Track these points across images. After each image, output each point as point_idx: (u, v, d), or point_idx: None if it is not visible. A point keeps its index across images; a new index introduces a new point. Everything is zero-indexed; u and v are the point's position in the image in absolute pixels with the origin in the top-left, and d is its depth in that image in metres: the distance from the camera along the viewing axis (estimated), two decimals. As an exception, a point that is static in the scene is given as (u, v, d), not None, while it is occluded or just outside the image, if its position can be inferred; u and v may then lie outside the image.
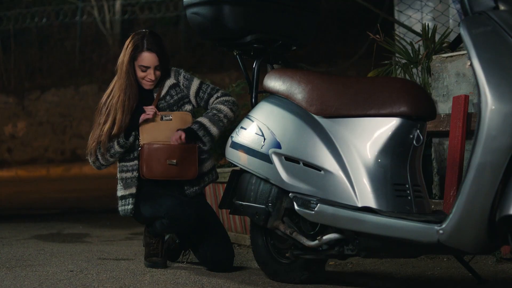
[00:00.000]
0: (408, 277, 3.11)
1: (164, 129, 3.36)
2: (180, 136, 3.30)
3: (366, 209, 2.54)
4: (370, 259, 3.50)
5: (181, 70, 3.48)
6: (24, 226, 5.50)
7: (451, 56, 3.68)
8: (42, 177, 12.64)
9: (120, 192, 3.41)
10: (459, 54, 3.62)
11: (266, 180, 2.90)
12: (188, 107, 3.44)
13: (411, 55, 4.15)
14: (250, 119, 3.01)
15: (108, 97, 3.39)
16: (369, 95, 2.67)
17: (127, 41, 3.39)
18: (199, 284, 2.93)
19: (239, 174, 3.06)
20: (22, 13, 14.34)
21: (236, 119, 4.09)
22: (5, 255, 3.81)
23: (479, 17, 2.25)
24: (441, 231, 2.28)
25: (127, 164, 3.39)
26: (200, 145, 3.35)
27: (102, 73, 13.54)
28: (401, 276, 3.13)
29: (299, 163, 2.77)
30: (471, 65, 2.22)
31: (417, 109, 2.61)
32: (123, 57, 3.36)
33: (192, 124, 3.33)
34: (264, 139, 2.90)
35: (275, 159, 2.84)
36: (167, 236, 3.53)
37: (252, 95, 3.14)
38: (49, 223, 5.73)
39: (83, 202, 8.09)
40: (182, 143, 3.30)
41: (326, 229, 2.69)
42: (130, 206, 3.36)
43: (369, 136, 2.64)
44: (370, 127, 2.65)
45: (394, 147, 2.62)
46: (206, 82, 3.50)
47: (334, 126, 2.73)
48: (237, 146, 3.01)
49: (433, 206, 3.25)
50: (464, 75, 3.62)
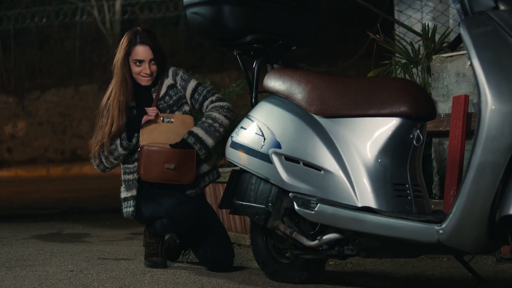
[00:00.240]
0: (408, 277, 3.11)
1: (165, 131, 3.35)
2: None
3: (366, 209, 2.54)
4: (370, 259, 3.50)
5: (180, 71, 3.47)
6: (24, 226, 5.49)
7: (451, 56, 3.67)
8: (42, 177, 12.63)
9: (123, 194, 3.41)
10: (459, 54, 3.62)
11: (266, 180, 2.90)
12: (187, 108, 3.43)
13: (411, 55, 4.15)
14: (250, 119, 3.01)
15: (108, 99, 3.39)
16: (369, 95, 2.67)
17: (122, 40, 3.42)
18: (199, 284, 2.93)
19: (239, 174, 3.06)
20: (22, 13, 14.34)
21: (235, 121, 4.09)
22: (5, 255, 3.81)
23: (479, 17, 2.25)
24: (441, 231, 2.28)
25: (129, 166, 3.39)
26: None
27: (102, 73, 13.51)
28: (401, 276, 3.13)
29: (299, 163, 2.77)
30: (471, 65, 2.22)
31: (417, 109, 2.61)
32: (118, 55, 3.39)
33: (188, 137, 3.31)
34: (264, 139, 2.90)
35: (275, 159, 2.84)
36: (167, 236, 3.53)
37: (252, 95, 3.14)
38: (49, 223, 5.72)
39: (83, 202, 8.08)
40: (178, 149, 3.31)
41: (326, 229, 2.69)
42: (132, 209, 3.36)
43: (369, 136, 2.64)
44: (370, 127, 2.65)
45: (394, 147, 2.62)
46: (204, 84, 3.48)
47: (334, 126, 2.73)
48: (237, 146, 3.01)
49: (433, 206, 3.25)
50: (464, 75, 3.61)
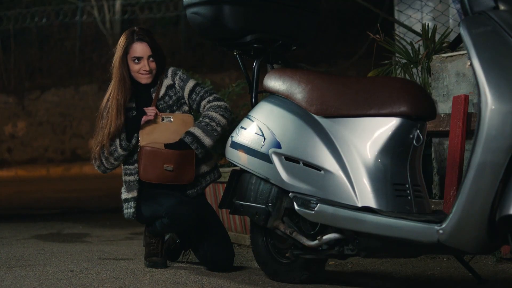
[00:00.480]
0: (408, 277, 3.11)
1: (164, 131, 3.35)
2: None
3: (366, 209, 2.54)
4: (370, 259, 3.50)
5: (179, 71, 3.47)
6: (24, 226, 5.49)
7: (451, 56, 3.67)
8: (42, 177, 12.63)
9: (124, 195, 3.41)
10: (459, 54, 3.62)
11: (266, 180, 2.90)
12: (187, 108, 3.43)
13: (411, 55, 4.15)
14: (250, 119, 3.01)
15: (108, 101, 3.39)
16: (369, 95, 2.67)
17: (119, 40, 3.42)
18: (199, 284, 2.93)
19: (239, 174, 3.06)
20: (22, 13, 14.34)
21: (235, 121, 4.08)
22: (5, 255, 3.81)
23: (479, 17, 2.25)
24: (441, 231, 2.28)
25: (130, 168, 3.39)
26: None
27: (102, 73, 13.50)
28: (401, 276, 3.13)
29: (299, 163, 2.77)
30: (471, 65, 2.22)
31: (417, 109, 2.61)
32: (116, 54, 3.39)
33: (185, 137, 3.31)
34: (264, 139, 2.90)
35: (275, 159, 2.84)
36: (167, 236, 3.53)
37: (252, 95, 3.14)
38: (49, 223, 5.72)
39: (83, 202, 8.08)
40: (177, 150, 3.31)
41: (326, 229, 2.69)
42: (132, 210, 3.36)
43: (369, 136, 2.64)
44: (370, 127, 2.64)
45: (394, 147, 2.62)
46: (202, 85, 3.48)
47: (334, 126, 2.73)
48: (237, 146, 3.01)
49: (433, 206, 3.25)
50: (464, 75, 3.61)
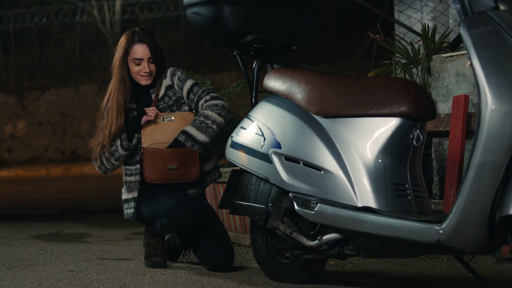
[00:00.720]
0: (408, 277, 3.10)
1: (166, 130, 3.35)
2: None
3: (366, 209, 2.54)
4: (370, 259, 3.50)
5: (178, 71, 3.46)
6: (24, 226, 5.49)
7: (451, 56, 3.67)
8: (42, 177, 12.63)
9: (124, 196, 3.41)
10: (459, 54, 3.62)
11: (266, 180, 2.90)
12: (187, 108, 3.43)
13: (411, 55, 4.15)
14: (250, 119, 3.01)
15: (108, 101, 3.39)
16: (369, 95, 2.67)
17: (120, 40, 3.41)
18: (199, 284, 2.93)
19: (239, 174, 3.06)
20: (22, 13, 14.33)
21: (235, 121, 4.08)
22: (5, 255, 3.81)
23: (479, 17, 2.25)
24: (441, 231, 2.28)
25: (131, 168, 3.39)
26: None
27: (102, 73, 13.50)
28: (401, 276, 3.13)
29: (299, 163, 2.77)
30: (471, 65, 2.22)
31: (417, 109, 2.61)
32: (117, 55, 3.39)
33: (179, 136, 3.31)
34: (264, 139, 2.90)
35: (275, 159, 2.84)
36: (167, 236, 3.53)
37: (252, 95, 3.14)
38: (49, 223, 5.72)
39: (83, 202, 8.08)
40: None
41: (326, 229, 2.69)
42: (132, 210, 3.36)
43: (369, 136, 2.64)
44: (370, 127, 2.64)
45: (394, 147, 2.62)
46: (200, 84, 3.47)
47: (334, 126, 2.73)
48: (237, 146, 3.01)
49: (433, 206, 3.25)
50: (464, 75, 3.61)
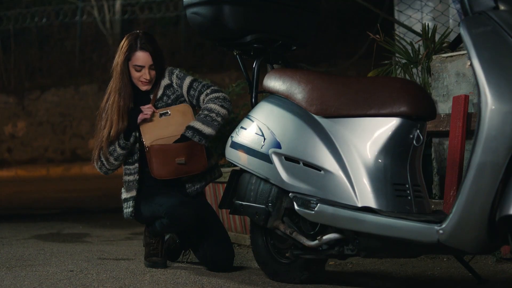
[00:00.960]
0: (408, 277, 3.11)
1: (166, 125, 3.35)
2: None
3: (366, 209, 2.54)
4: (370, 259, 3.50)
5: (175, 70, 3.46)
6: (24, 226, 5.49)
7: (451, 56, 3.67)
8: (42, 177, 12.63)
9: (123, 195, 3.42)
10: (459, 54, 3.62)
11: (266, 180, 2.90)
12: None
13: (411, 55, 4.15)
14: (250, 119, 3.01)
15: (107, 102, 3.39)
16: (369, 95, 2.67)
17: (121, 43, 3.40)
18: (199, 284, 2.93)
19: (239, 174, 3.06)
20: (22, 13, 14.34)
21: (235, 121, 4.06)
22: (5, 255, 3.81)
23: (479, 17, 2.25)
24: (441, 231, 2.29)
25: (130, 168, 3.39)
26: None
27: (102, 73, 13.51)
28: (401, 276, 3.13)
29: (299, 163, 2.77)
30: (471, 65, 2.22)
31: (417, 109, 2.61)
32: (118, 58, 3.37)
33: (186, 132, 3.30)
34: (264, 139, 2.90)
35: (275, 159, 2.84)
36: (167, 236, 3.53)
37: (252, 95, 3.14)
38: (49, 223, 5.72)
39: (83, 202, 8.08)
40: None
41: (326, 229, 2.69)
42: (131, 209, 3.37)
43: (369, 136, 2.64)
44: (370, 127, 2.64)
45: (394, 147, 2.62)
46: (199, 80, 3.46)
47: (334, 126, 2.73)
48: (237, 146, 3.01)
49: (433, 206, 3.25)
50: (464, 75, 3.61)
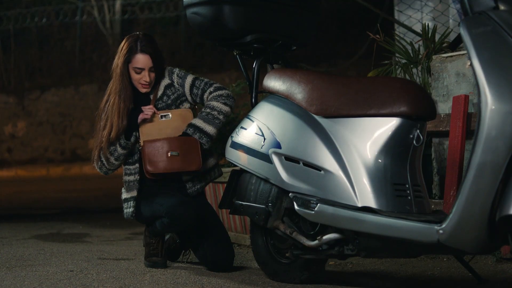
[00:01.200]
0: (408, 277, 3.11)
1: (164, 128, 3.35)
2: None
3: (366, 209, 2.54)
4: (370, 259, 3.50)
5: (175, 69, 3.46)
6: (24, 226, 5.49)
7: (451, 56, 3.67)
8: (42, 177, 12.63)
9: (124, 195, 3.42)
10: (459, 54, 3.62)
11: (266, 180, 2.90)
12: (187, 105, 3.42)
13: (411, 55, 4.15)
14: (250, 119, 3.01)
15: (106, 103, 3.39)
16: (369, 95, 2.67)
17: (121, 44, 3.39)
18: (199, 284, 2.93)
19: (239, 174, 3.06)
20: (22, 13, 14.34)
21: (235, 121, 4.06)
22: (5, 255, 3.81)
23: (479, 17, 2.25)
24: (441, 231, 2.29)
25: (130, 168, 3.39)
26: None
27: (102, 73, 13.52)
28: (401, 276, 3.13)
29: (299, 163, 2.77)
30: (471, 65, 2.22)
31: (417, 109, 2.61)
32: (118, 60, 3.36)
33: (187, 129, 3.30)
34: (264, 139, 2.90)
35: (275, 159, 2.84)
36: (167, 236, 3.53)
37: (252, 95, 3.14)
38: (49, 223, 5.72)
39: (83, 202, 8.08)
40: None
41: (326, 229, 2.69)
42: (131, 209, 3.36)
43: (369, 136, 2.64)
44: (370, 127, 2.65)
45: (394, 147, 2.62)
46: (200, 78, 3.45)
47: (334, 126, 2.73)
48: (237, 146, 3.01)
49: (433, 206, 3.25)
50: (464, 75, 3.61)
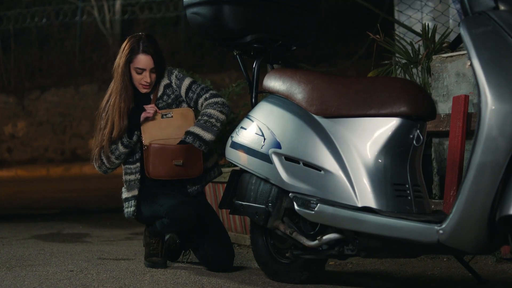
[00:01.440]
0: (408, 277, 3.11)
1: (166, 127, 3.35)
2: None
3: (366, 209, 2.54)
4: (370, 259, 3.50)
5: (175, 70, 3.46)
6: (24, 226, 5.49)
7: (451, 56, 3.67)
8: (42, 177, 12.63)
9: (124, 195, 3.42)
10: (459, 54, 3.62)
11: (266, 180, 2.90)
12: (185, 105, 3.43)
13: (411, 55, 4.15)
14: (250, 119, 3.01)
15: (107, 102, 3.39)
16: (369, 95, 2.67)
17: (123, 44, 3.40)
18: (199, 284, 2.93)
19: (239, 174, 3.06)
20: (22, 13, 14.34)
21: (235, 121, 4.06)
22: (5, 255, 3.81)
23: (479, 17, 2.25)
24: (441, 231, 2.29)
25: (131, 167, 3.39)
26: None
27: (102, 73, 13.53)
28: (401, 276, 3.13)
29: (299, 163, 2.77)
30: (471, 65, 2.22)
31: (417, 109, 2.61)
32: (119, 60, 3.37)
33: (186, 137, 3.31)
34: (264, 139, 2.90)
35: (275, 159, 2.84)
36: (167, 236, 3.53)
37: (252, 95, 3.14)
38: (49, 223, 5.72)
39: (83, 202, 8.08)
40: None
41: (326, 229, 2.69)
42: (132, 208, 3.37)
43: (369, 136, 2.64)
44: (370, 127, 2.65)
45: (394, 147, 2.62)
46: (198, 82, 3.47)
47: (334, 126, 2.73)
48: (237, 146, 3.01)
49: (433, 206, 3.25)
50: (464, 75, 3.61)
